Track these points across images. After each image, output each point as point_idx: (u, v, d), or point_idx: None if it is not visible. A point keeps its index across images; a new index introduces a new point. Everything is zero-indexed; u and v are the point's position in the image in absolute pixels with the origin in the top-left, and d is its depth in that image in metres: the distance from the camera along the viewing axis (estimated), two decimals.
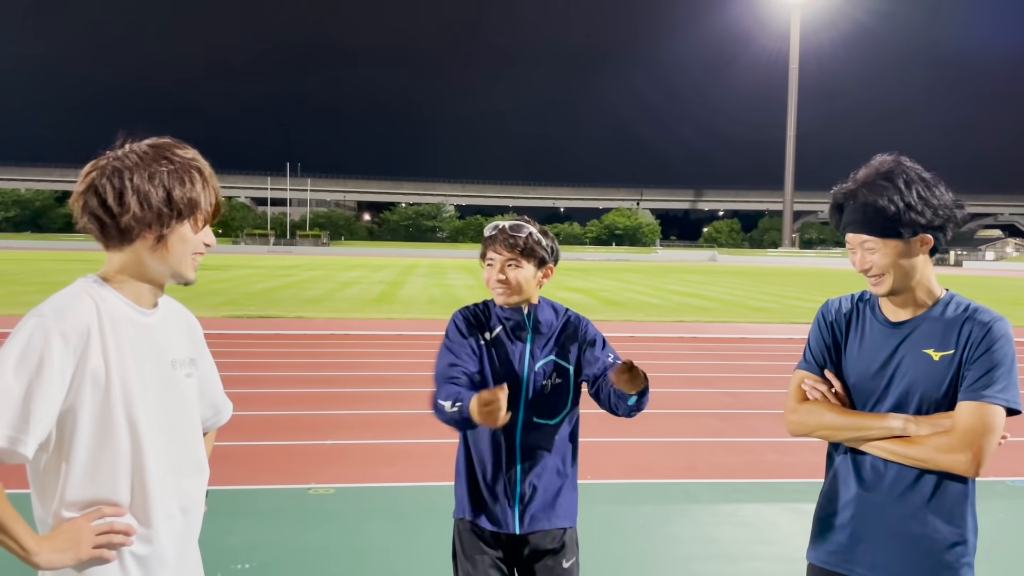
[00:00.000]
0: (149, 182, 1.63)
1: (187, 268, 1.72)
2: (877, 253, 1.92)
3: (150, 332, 1.71)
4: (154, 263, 1.68)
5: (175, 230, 1.66)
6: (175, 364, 1.76)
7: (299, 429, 6.65)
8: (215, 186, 1.74)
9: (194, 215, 1.68)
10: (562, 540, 2.39)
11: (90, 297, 1.63)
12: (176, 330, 1.81)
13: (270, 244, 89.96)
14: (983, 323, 1.90)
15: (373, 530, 4.48)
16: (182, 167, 1.67)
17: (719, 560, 4.22)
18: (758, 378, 9.96)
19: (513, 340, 2.38)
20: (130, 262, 1.68)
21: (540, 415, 2.36)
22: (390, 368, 10.04)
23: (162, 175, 1.64)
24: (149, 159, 1.65)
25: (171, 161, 1.66)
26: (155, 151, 1.67)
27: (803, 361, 2.11)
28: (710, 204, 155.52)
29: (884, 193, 1.88)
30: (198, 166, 1.70)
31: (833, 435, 2.01)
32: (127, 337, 1.65)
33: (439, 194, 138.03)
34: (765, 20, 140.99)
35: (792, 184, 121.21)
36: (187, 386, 1.81)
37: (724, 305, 21.38)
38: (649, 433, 6.94)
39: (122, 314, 1.66)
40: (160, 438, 1.70)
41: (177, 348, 1.79)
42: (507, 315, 2.39)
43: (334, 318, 15.59)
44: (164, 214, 1.64)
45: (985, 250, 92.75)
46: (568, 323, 2.46)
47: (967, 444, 1.82)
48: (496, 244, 2.36)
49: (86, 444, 1.61)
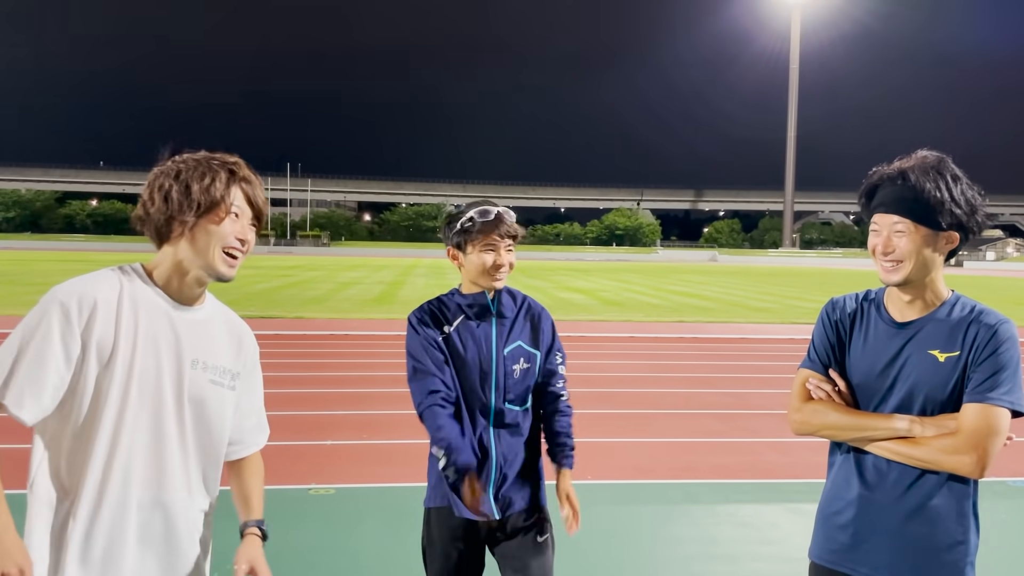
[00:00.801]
0: (174, 180, 1.72)
1: (217, 261, 1.74)
2: (906, 238, 1.90)
3: (179, 326, 1.73)
4: (186, 255, 1.73)
5: (200, 224, 1.72)
6: (196, 364, 1.75)
7: (299, 429, 6.66)
8: (250, 188, 1.79)
9: (215, 209, 1.72)
10: (535, 516, 2.44)
11: (116, 277, 1.71)
12: (219, 335, 1.83)
13: (270, 244, 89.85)
14: (989, 325, 1.89)
15: (373, 531, 4.48)
16: (210, 167, 1.74)
17: (719, 561, 4.21)
18: (758, 378, 9.95)
19: (478, 326, 2.40)
20: (168, 256, 1.75)
21: (512, 401, 2.40)
22: (390, 368, 10.04)
23: (187, 173, 1.72)
24: (185, 164, 1.75)
25: (202, 163, 1.75)
26: (196, 159, 1.77)
27: (807, 360, 2.10)
28: (711, 204, 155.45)
29: (934, 180, 1.88)
30: (231, 167, 1.76)
31: (837, 435, 2.00)
32: (150, 323, 1.69)
33: (439, 194, 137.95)
34: (766, 20, 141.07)
35: (793, 184, 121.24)
36: (211, 393, 1.79)
37: (724, 305, 21.37)
38: (649, 433, 6.94)
39: (150, 301, 1.71)
40: (149, 428, 1.68)
41: (210, 352, 1.79)
42: (470, 301, 2.41)
43: (334, 318, 15.59)
44: (183, 205, 1.70)
45: (986, 250, 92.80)
46: (530, 309, 2.50)
47: (972, 446, 1.82)
48: (499, 230, 2.37)
49: (78, 416, 1.64)
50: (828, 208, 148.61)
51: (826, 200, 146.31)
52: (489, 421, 2.38)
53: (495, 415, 2.38)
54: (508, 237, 2.39)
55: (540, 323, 2.48)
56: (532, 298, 2.55)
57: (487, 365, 2.37)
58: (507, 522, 2.41)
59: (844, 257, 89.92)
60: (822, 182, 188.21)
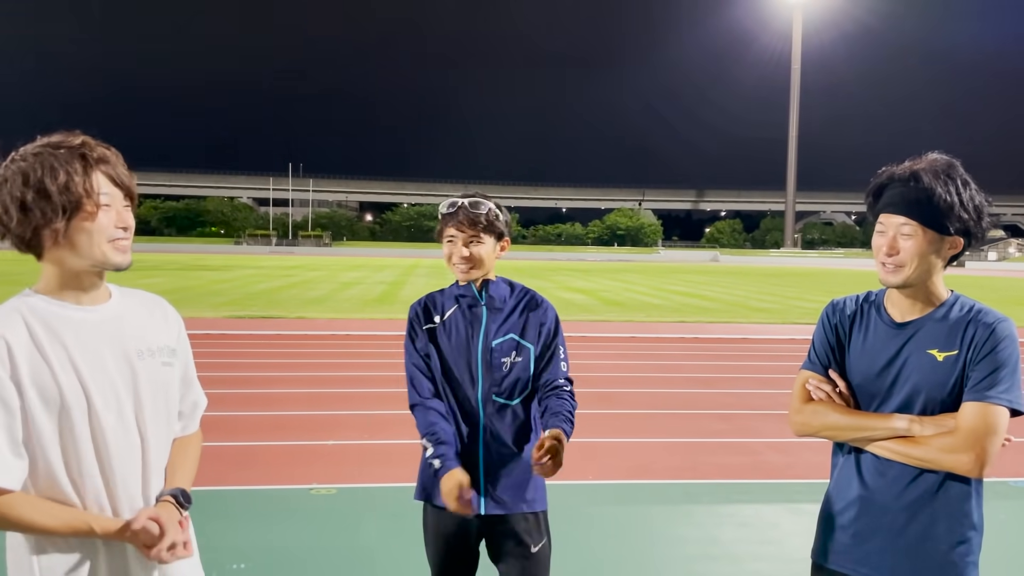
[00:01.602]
0: (24, 185, 1.55)
1: (105, 255, 1.62)
2: (912, 240, 1.89)
3: (99, 326, 1.65)
4: (70, 260, 1.61)
5: (70, 225, 1.58)
6: (142, 354, 1.70)
7: (301, 429, 6.65)
8: (109, 168, 1.63)
9: (81, 205, 1.58)
10: (530, 525, 2.38)
11: (17, 311, 1.59)
12: (142, 321, 1.75)
13: (272, 244, 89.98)
14: (987, 324, 1.89)
15: (375, 531, 4.48)
16: (60, 160, 1.57)
17: (720, 561, 4.21)
18: (760, 378, 9.95)
19: (468, 317, 2.39)
20: (52, 267, 1.64)
21: (500, 394, 2.36)
22: (392, 368, 10.03)
23: (36, 173, 1.55)
24: (28, 162, 1.58)
25: (49, 156, 1.58)
26: (37, 151, 1.59)
27: (807, 361, 2.11)
28: (712, 204, 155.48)
29: (944, 184, 1.88)
30: (82, 153, 1.60)
31: (838, 435, 2.01)
32: (73, 338, 1.61)
33: (441, 194, 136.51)
34: (767, 20, 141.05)
35: (794, 184, 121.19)
36: (166, 375, 1.75)
37: (726, 305, 21.36)
38: (650, 433, 6.94)
39: (60, 317, 1.61)
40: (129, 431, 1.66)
41: (144, 338, 1.73)
42: (462, 292, 2.41)
43: (336, 318, 15.59)
44: (47, 212, 1.56)
45: (988, 250, 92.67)
46: (530, 302, 2.44)
47: (971, 445, 1.82)
48: (457, 220, 2.34)
49: (54, 455, 1.58)
50: (830, 208, 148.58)
51: (828, 200, 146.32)
52: (477, 412, 2.35)
53: (483, 405, 2.35)
54: (471, 227, 2.32)
55: (539, 317, 2.42)
56: (538, 293, 2.50)
57: (473, 355, 2.35)
58: (500, 523, 2.37)
59: (846, 257, 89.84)
60: (824, 182, 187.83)
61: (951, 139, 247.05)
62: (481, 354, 2.36)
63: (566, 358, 2.46)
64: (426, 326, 2.41)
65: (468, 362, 2.36)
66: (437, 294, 2.47)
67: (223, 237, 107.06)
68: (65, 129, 1.66)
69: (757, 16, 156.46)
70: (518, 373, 2.38)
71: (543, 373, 2.41)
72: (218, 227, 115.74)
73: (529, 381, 2.40)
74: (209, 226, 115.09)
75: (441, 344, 2.38)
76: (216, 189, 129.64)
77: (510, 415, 2.38)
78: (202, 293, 20.24)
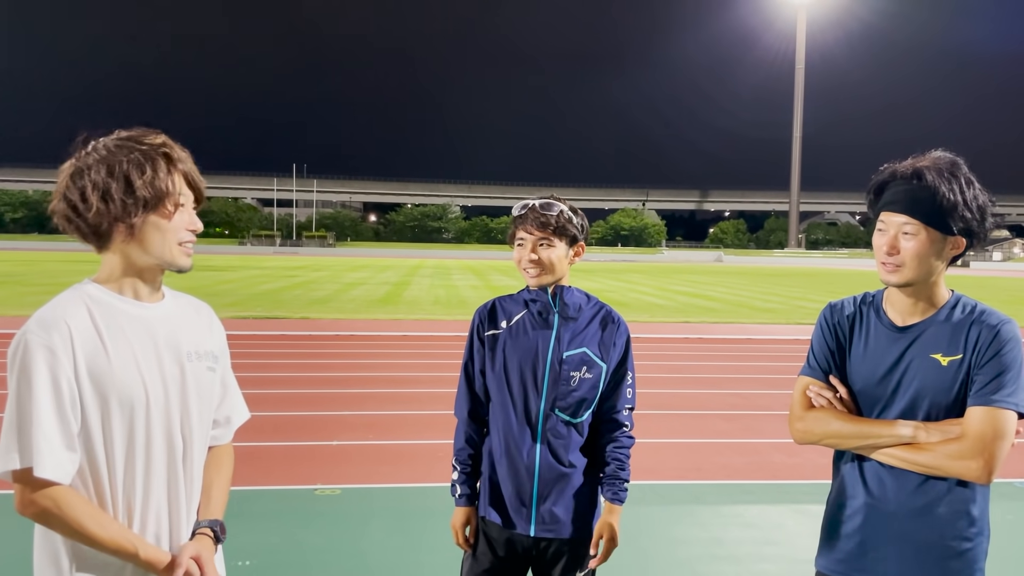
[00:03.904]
0: (108, 175, 1.57)
1: (174, 255, 1.64)
2: (913, 240, 1.84)
3: (154, 324, 1.65)
4: (137, 255, 1.62)
5: (146, 220, 1.60)
6: (191, 356, 1.70)
7: (305, 430, 6.66)
8: (188, 170, 1.66)
9: (162, 202, 1.60)
10: (578, 551, 2.29)
11: (80, 300, 1.59)
12: (192, 323, 1.75)
13: (276, 245, 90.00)
14: (991, 326, 1.85)
15: (379, 531, 4.47)
16: (145, 155, 1.59)
17: (725, 561, 4.20)
18: (764, 379, 9.93)
19: (538, 324, 2.27)
20: (117, 259, 1.64)
21: (564, 410, 2.24)
22: (396, 369, 10.04)
23: (122, 166, 1.57)
24: (111, 153, 1.59)
25: (133, 151, 1.59)
26: (119, 144, 1.61)
27: (807, 367, 2.05)
28: (716, 205, 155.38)
29: (948, 182, 1.83)
30: (165, 152, 1.62)
31: (841, 443, 1.95)
32: (132, 332, 1.61)
33: (444, 195, 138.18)
34: (771, 20, 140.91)
35: (798, 184, 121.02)
36: (210, 379, 1.75)
37: (730, 306, 21.32)
38: (655, 434, 6.92)
39: (120, 310, 1.61)
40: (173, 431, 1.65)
41: (194, 341, 1.73)
42: (532, 297, 2.29)
43: (340, 319, 15.61)
44: (128, 205, 1.57)
45: (992, 250, 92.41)
46: (606, 316, 2.33)
47: (978, 450, 1.78)
48: (527, 223, 2.25)
49: (98, 448, 1.57)
50: (834, 208, 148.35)
51: (832, 200, 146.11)
52: (536, 426, 2.23)
53: (543, 420, 2.23)
54: (541, 230, 2.23)
55: (614, 334, 2.30)
56: (614, 309, 2.37)
57: (540, 364, 2.23)
58: (550, 546, 2.27)
59: (850, 258, 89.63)
60: (828, 182, 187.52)
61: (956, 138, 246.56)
62: (550, 364, 2.23)
63: (633, 384, 2.35)
64: (488, 332, 2.30)
65: (535, 371, 2.23)
66: (506, 298, 2.36)
67: (227, 238, 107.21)
68: (143, 126, 1.67)
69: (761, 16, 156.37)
70: (585, 391, 2.25)
71: (608, 398, 2.30)
72: (222, 227, 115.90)
73: (595, 401, 2.28)
74: (213, 227, 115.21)
75: (506, 351, 2.26)
76: (220, 190, 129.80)
77: (570, 433, 2.25)
78: (206, 293, 20.30)
